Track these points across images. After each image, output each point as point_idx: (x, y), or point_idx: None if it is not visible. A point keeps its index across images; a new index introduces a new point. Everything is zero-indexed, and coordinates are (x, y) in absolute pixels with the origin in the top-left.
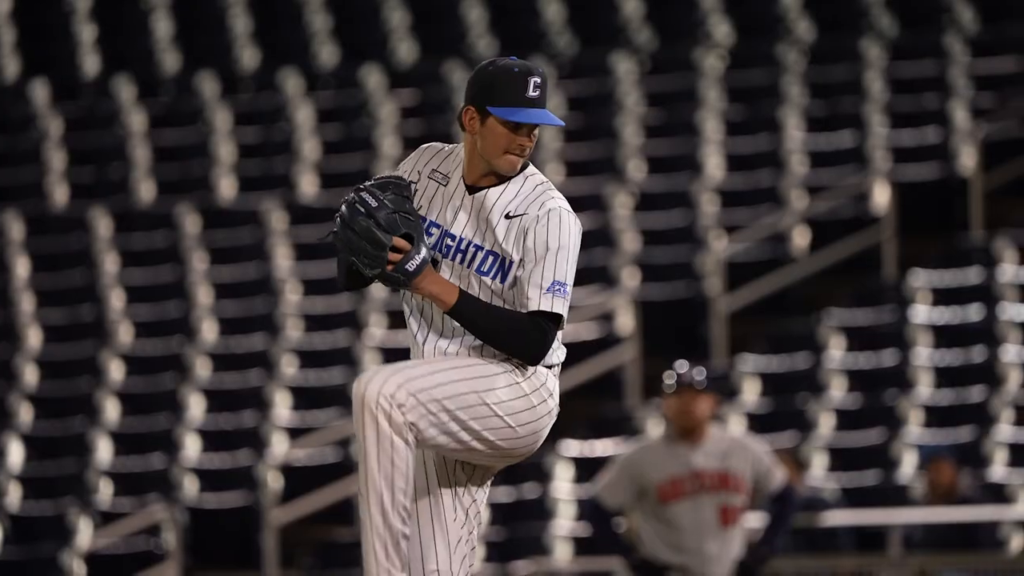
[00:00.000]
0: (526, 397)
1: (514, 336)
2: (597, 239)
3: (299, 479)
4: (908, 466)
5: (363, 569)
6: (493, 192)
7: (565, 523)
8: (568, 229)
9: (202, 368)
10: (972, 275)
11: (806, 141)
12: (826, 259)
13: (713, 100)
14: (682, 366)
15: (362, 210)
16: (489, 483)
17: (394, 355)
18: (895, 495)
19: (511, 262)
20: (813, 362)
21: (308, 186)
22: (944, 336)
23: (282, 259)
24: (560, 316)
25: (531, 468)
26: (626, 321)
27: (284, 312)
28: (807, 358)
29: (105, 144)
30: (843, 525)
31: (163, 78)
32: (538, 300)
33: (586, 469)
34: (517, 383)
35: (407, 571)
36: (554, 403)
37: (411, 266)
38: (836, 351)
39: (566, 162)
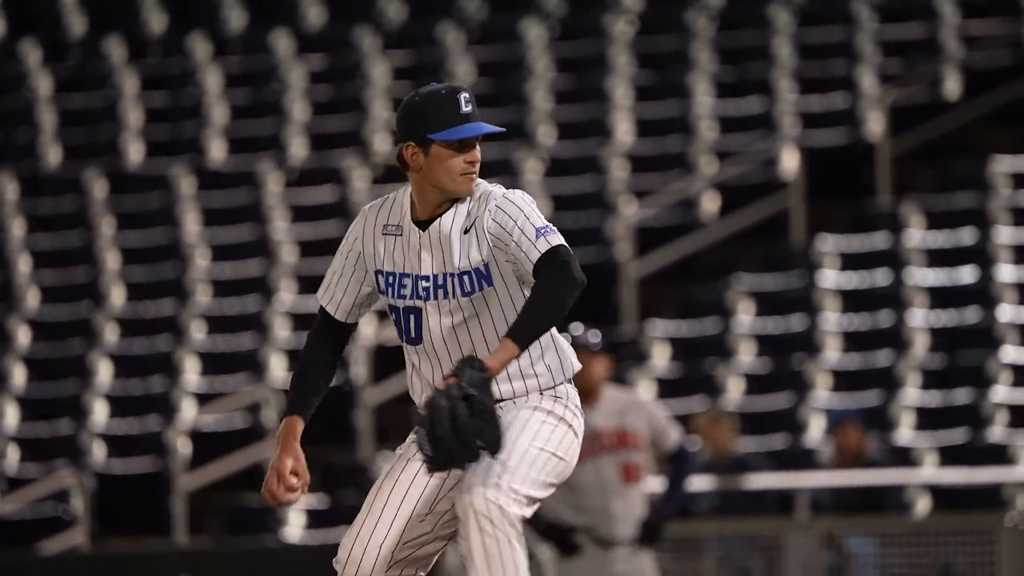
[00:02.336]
0: (570, 429)
1: (559, 297)
2: None
3: (208, 444)
4: (816, 430)
5: None
6: (446, 219)
7: None
8: (519, 197)
9: (110, 333)
10: (879, 240)
11: (715, 107)
12: (735, 224)
13: (623, 66)
14: (577, 328)
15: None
16: None
17: (303, 321)
18: (803, 459)
19: (486, 263)
20: (722, 327)
21: (217, 151)
22: (851, 300)
23: (191, 224)
24: (562, 245)
25: None
26: None
27: (193, 277)
28: (716, 323)
29: (11, 108)
30: (752, 489)
31: (70, 42)
32: (536, 249)
33: None
34: (560, 417)
35: None
36: (581, 416)
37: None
38: (745, 316)
39: None
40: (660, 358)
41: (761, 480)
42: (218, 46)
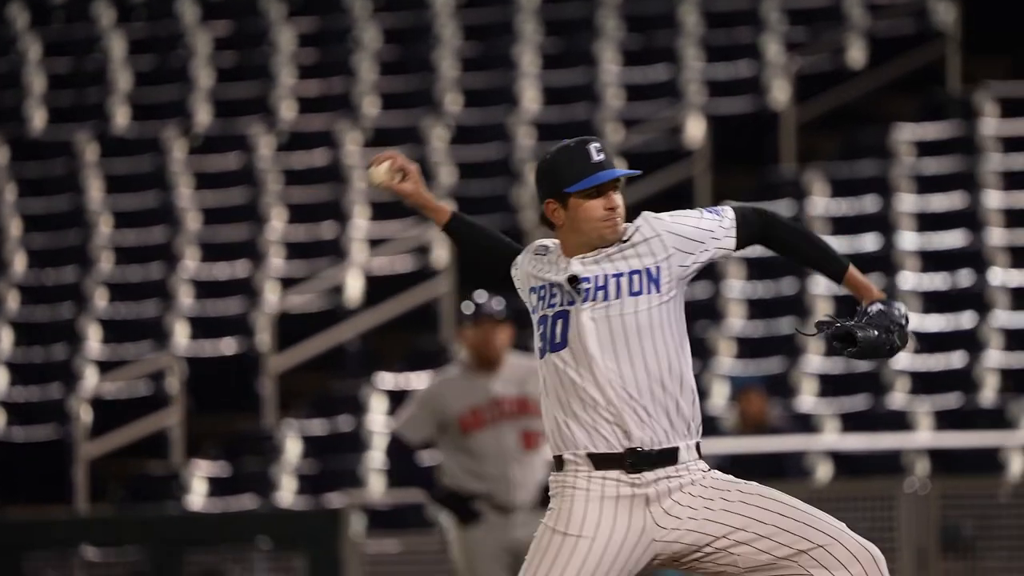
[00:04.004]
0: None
1: (816, 241)
2: None
3: (110, 412)
4: (719, 397)
5: None
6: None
7: (379, 456)
8: (662, 216)
9: (12, 301)
10: (783, 208)
11: (621, 75)
12: (641, 192)
13: (529, 33)
14: (481, 296)
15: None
16: None
17: (206, 289)
18: (706, 425)
19: (658, 266)
20: None
21: (121, 117)
22: (755, 268)
23: (94, 191)
24: (737, 206)
25: (346, 401)
26: (441, 254)
27: (96, 244)
28: None
29: None
30: None
31: None
32: (723, 224)
33: (401, 402)
34: (740, 488)
35: None
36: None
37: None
38: None
39: (382, 94)
40: None
41: None
42: (122, 12)
